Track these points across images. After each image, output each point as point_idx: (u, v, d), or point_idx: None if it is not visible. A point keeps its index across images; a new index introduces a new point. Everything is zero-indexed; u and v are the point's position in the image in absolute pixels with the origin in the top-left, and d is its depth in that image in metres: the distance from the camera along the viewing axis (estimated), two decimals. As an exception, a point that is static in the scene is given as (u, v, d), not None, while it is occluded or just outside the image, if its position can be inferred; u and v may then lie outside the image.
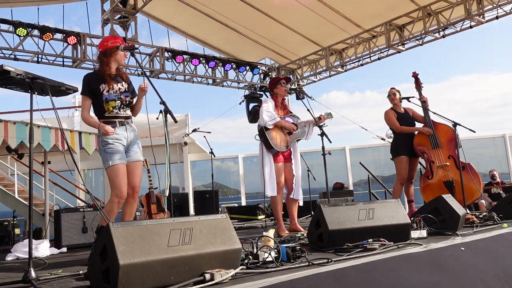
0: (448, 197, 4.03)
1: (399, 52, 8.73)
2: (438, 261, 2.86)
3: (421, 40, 8.31)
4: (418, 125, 5.63)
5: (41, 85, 2.85)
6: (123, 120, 3.56)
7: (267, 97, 5.15)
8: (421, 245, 3.12)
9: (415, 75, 5.80)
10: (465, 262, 3.03)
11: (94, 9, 8.02)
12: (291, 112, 5.05)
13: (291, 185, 4.88)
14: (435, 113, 5.47)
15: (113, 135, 3.47)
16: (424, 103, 5.59)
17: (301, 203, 5.00)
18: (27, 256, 2.61)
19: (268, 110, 4.79)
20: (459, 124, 5.10)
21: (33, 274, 2.49)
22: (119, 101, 3.54)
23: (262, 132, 4.77)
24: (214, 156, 8.85)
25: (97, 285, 2.20)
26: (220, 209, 9.45)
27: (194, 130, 10.47)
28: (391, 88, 5.66)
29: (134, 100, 3.69)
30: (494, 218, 4.38)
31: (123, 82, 3.62)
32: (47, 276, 2.76)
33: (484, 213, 5.05)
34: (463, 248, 3.18)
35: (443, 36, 8.04)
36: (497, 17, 7.40)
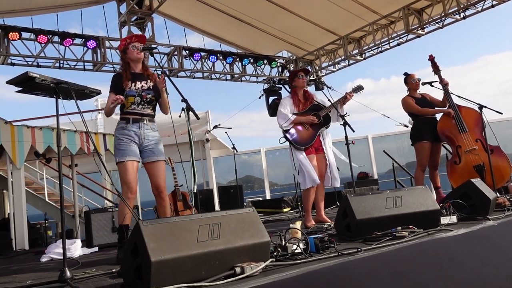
0: (478, 181, 3.95)
1: (419, 36, 8.56)
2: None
3: (441, 23, 8.12)
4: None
5: (66, 89, 2.89)
6: (138, 117, 3.60)
7: (286, 90, 5.14)
8: (452, 230, 3.07)
9: (431, 58, 5.65)
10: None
11: (115, 12, 8.06)
12: (315, 101, 5.00)
13: (323, 175, 4.86)
14: (459, 96, 5.34)
15: (124, 131, 3.54)
16: (445, 86, 5.46)
17: (337, 185, 5.01)
18: (61, 257, 2.66)
19: (281, 112, 4.83)
20: (485, 107, 4.98)
21: (68, 273, 2.55)
22: (139, 98, 3.59)
23: (284, 134, 4.83)
24: (237, 152, 8.88)
25: (130, 282, 2.24)
26: (245, 203, 9.49)
27: (215, 127, 10.54)
28: (412, 74, 5.56)
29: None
30: (526, 201, 4.28)
31: (148, 81, 3.68)
32: (82, 275, 2.82)
33: (515, 196, 4.92)
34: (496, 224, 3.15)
35: (464, 18, 7.84)
36: (520, -6, 7.18)
